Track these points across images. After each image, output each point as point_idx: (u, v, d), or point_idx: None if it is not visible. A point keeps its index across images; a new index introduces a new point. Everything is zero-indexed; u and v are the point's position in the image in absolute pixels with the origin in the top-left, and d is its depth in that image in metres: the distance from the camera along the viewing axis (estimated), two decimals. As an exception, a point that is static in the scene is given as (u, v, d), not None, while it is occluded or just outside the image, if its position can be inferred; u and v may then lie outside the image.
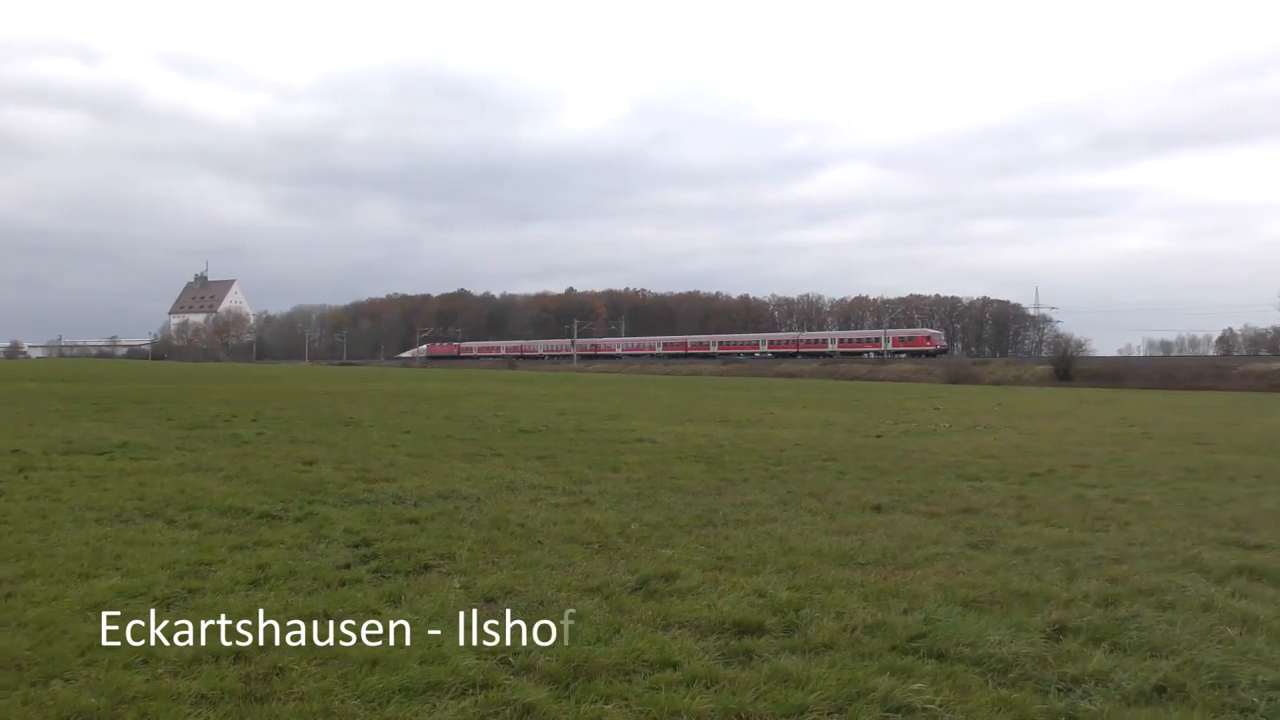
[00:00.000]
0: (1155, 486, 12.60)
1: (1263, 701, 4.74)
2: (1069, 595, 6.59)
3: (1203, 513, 10.43)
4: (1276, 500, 11.38)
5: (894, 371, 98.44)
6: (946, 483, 12.69)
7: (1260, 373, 77.91)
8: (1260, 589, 6.93)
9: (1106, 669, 5.12)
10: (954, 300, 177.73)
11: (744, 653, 5.35)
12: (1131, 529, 9.34)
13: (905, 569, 7.40)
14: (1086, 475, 13.81)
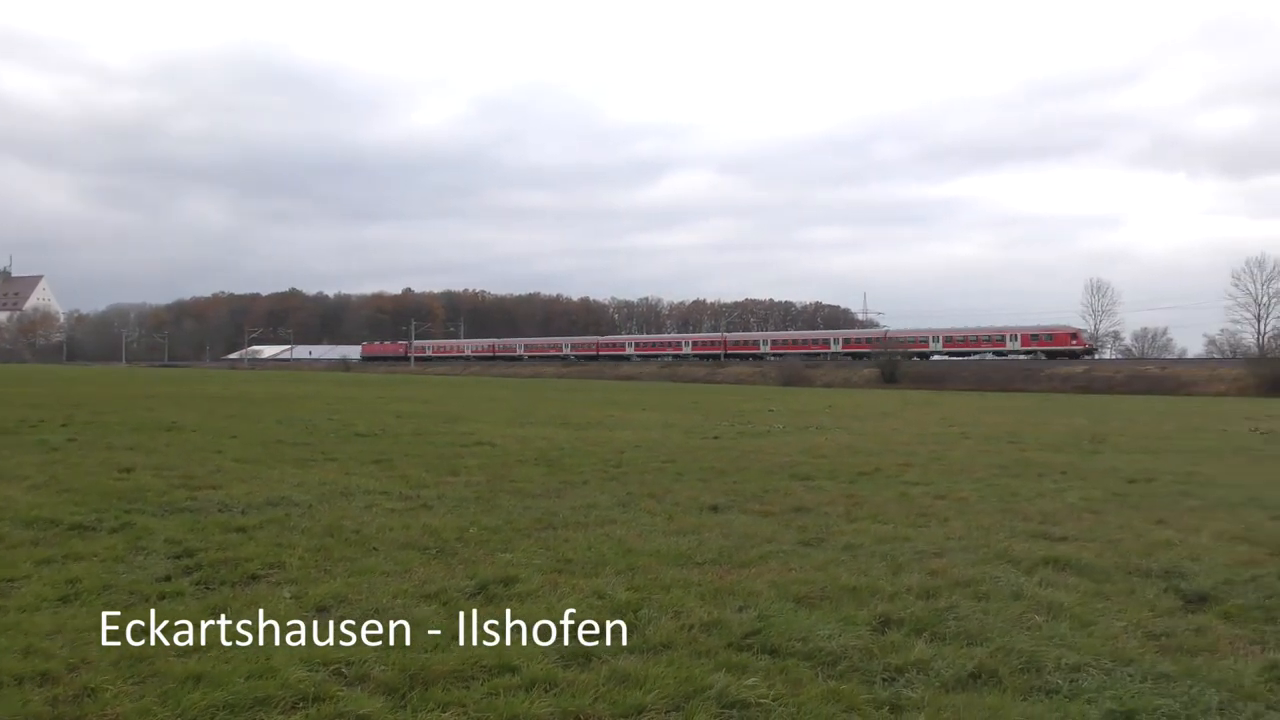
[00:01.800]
0: (972, 483, 13.30)
1: (1066, 683, 5.07)
2: (893, 589, 6.88)
3: (1014, 507, 11.08)
4: (1079, 495, 12.19)
5: (731, 374, 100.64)
6: (780, 482, 13.06)
7: (1065, 375, 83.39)
8: (1065, 578, 7.41)
9: (927, 658, 5.37)
10: (788, 305, 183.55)
11: (583, 655, 5.36)
12: (950, 524, 9.83)
13: (741, 567, 7.58)
14: (910, 474, 14.46)
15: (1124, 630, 5.99)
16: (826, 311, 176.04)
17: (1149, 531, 9.51)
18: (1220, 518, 10.45)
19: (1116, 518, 10.42)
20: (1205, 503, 11.66)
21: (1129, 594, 6.93)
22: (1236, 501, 11.74)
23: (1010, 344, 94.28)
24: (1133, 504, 11.57)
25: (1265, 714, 4.70)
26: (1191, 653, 5.58)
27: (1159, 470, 15.33)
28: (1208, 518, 10.44)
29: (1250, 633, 6.04)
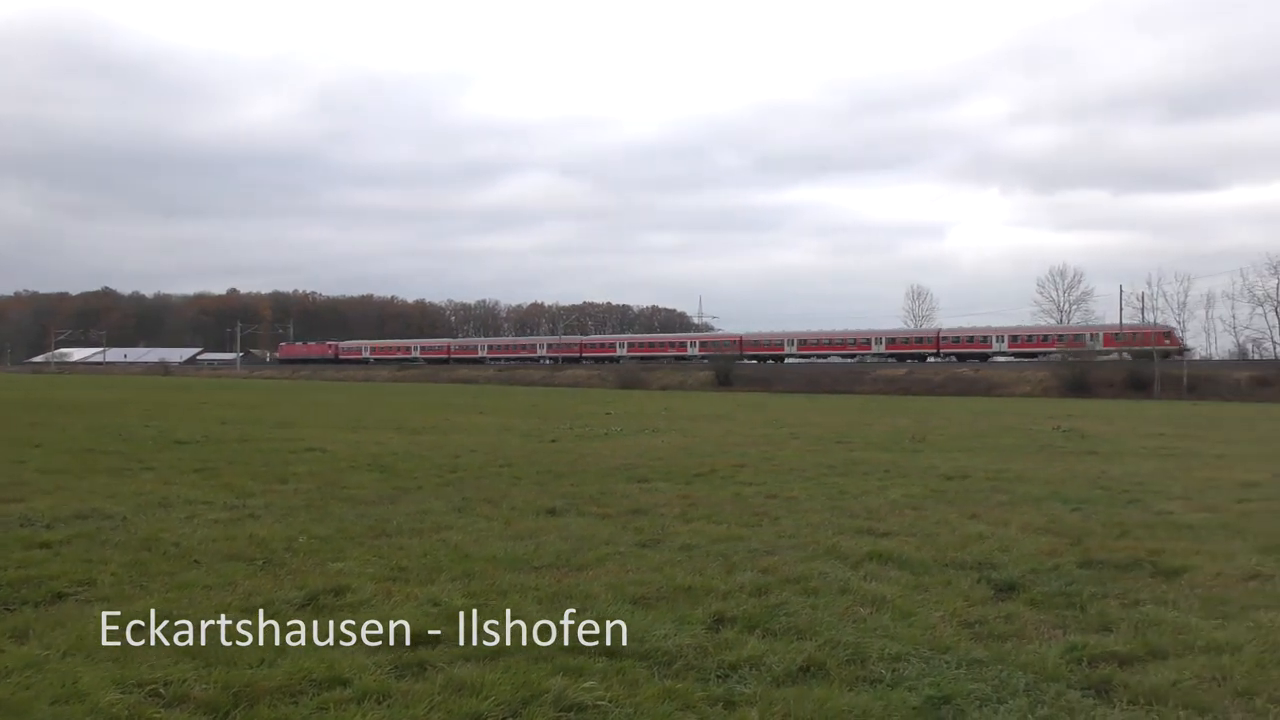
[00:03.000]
0: (802, 482, 13.74)
1: (889, 672, 5.30)
2: (727, 587, 7.04)
3: (842, 505, 11.50)
4: (901, 491, 12.77)
5: (569, 377, 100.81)
6: (618, 484, 13.16)
7: (890, 377, 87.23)
8: (888, 572, 7.74)
9: (760, 654, 5.52)
10: (625, 308, 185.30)
11: (418, 664, 5.26)
12: (782, 523, 10.13)
13: (578, 570, 7.59)
14: (744, 474, 14.82)
15: (941, 620, 6.30)
16: (663, 315, 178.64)
17: (964, 525, 10.04)
18: (1027, 511, 11.13)
19: (935, 513, 10.95)
20: (1014, 497, 12.39)
21: (946, 585, 7.29)
22: (1041, 495, 12.53)
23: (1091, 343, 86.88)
24: (950, 499, 12.18)
25: (1066, 693, 5.03)
26: (1002, 639, 5.92)
27: (973, 467, 16.20)
28: (1016, 511, 11.10)
29: (1053, 618, 6.45)
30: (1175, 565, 7.93)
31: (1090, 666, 5.41)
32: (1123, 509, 11.43)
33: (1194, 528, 9.98)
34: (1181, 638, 5.92)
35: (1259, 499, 12.38)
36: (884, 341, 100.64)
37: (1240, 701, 4.89)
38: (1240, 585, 7.35)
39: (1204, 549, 8.71)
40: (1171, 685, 5.07)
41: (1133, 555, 8.33)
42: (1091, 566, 7.98)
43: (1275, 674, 5.25)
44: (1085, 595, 6.97)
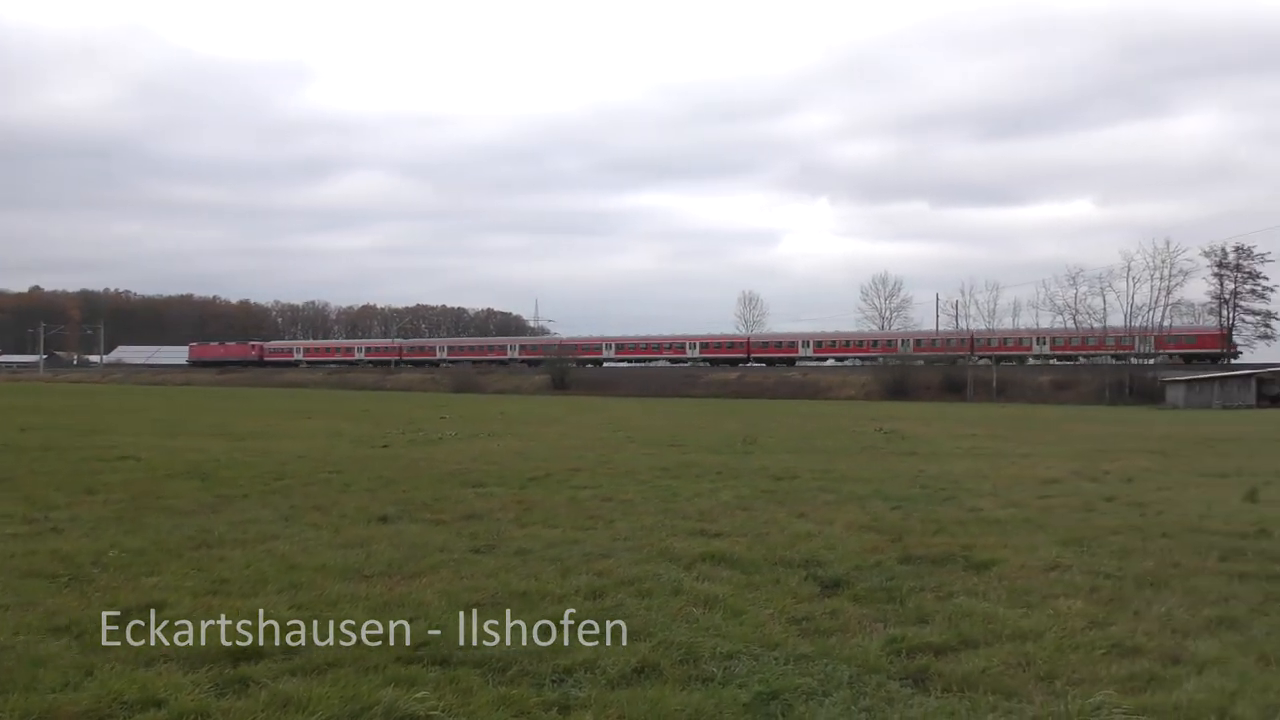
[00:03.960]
0: (637, 485, 13.89)
1: (721, 670, 5.41)
2: (563, 591, 7.04)
3: (675, 507, 11.68)
4: (733, 493, 13.07)
5: (401, 381, 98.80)
6: (452, 490, 12.98)
7: (722, 381, 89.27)
8: (720, 571, 7.91)
9: (594, 657, 5.54)
10: (460, 311, 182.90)
11: (240, 681, 5.04)
12: (616, 525, 10.20)
13: (411, 578, 7.44)
14: (579, 477, 14.87)
15: (771, 617, 6.48)
16: (499, 318, 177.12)
17: (792, 524, 10.36)
18: (851, 509, 11.58)
19: (765, 513, 11.26)
20: (839, 496, 12.87)
21: (775, 583, 7.51)
22: (864, 494, 13.07)
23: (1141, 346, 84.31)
24: (779, 500, 12.55)
25: (887, 684, 5.25)
26: (827, 634, 6.13)
27: (801, 468, 16.74)
28: (841, 510, 11.53)
29: (875, 612, 6.73)
30: (985, 559, 8.41)
31: (909, 657, 5.67)
32: (939, 506, 12.04)
33: (1002, 523, 10.60)
34: (990, 627, 6.27)
35: (1059, 495, 13.27)
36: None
37: (1042, 685, 5.22)
38: (1042, 575, 7.85)
39: (1010, 543, 9.27)
40: (982, 672, 5.37)
41: (947, 550, 8.79)
42: (910, 562, 8.37)
43: (1073, 658, 5.63)
44: (904, 589, 7.31)
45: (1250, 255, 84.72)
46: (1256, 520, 10.60)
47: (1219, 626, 6.34)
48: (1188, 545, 9.13)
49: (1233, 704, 4.85)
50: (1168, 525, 10.35)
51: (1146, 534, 9.77)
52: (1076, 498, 12.94)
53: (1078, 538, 9.55)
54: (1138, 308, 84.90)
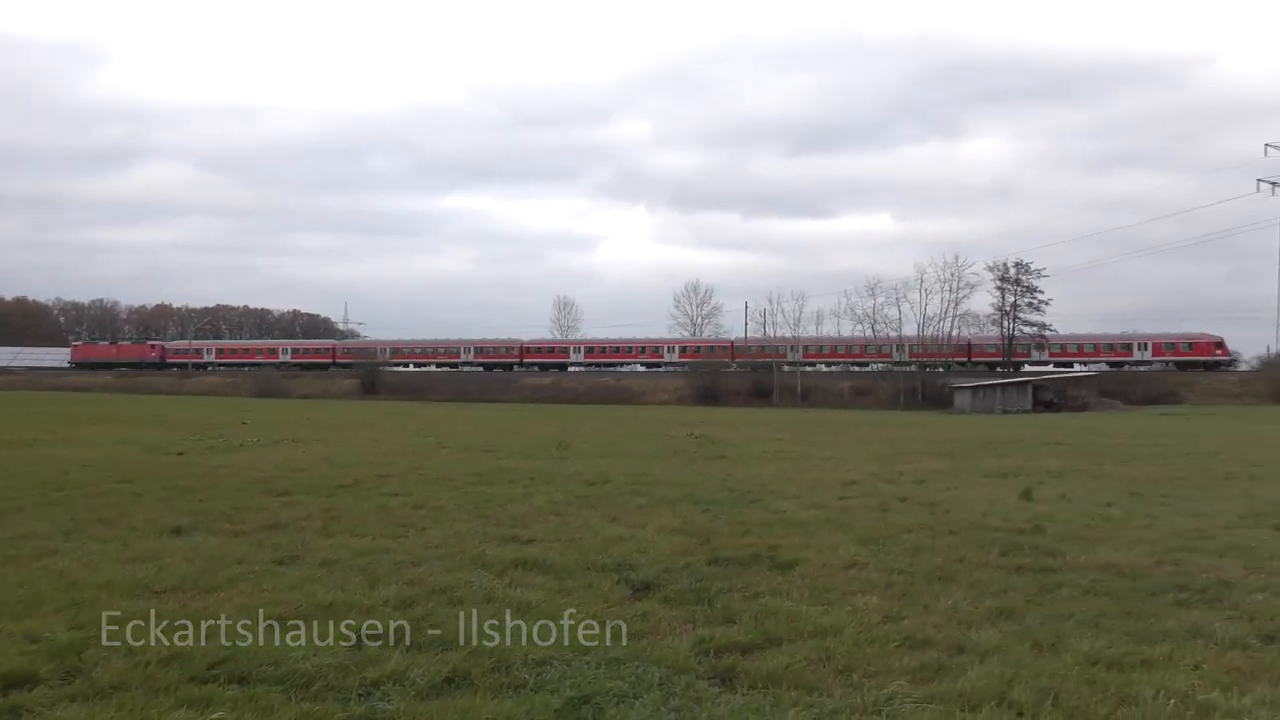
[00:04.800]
0: (450, 491, 13.68)
1: (533, 677, 5.40)
2: (371, 602, 6.86)
3: (488, 513, 11.58)
4: (546, 498, 13.06)
5: (200, 385, 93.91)
6: (253, 499, 12.43)
7: (536, 386, 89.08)
8: (533, 577, 7.89)
9: (404, 668, 5.42)
10: (264, 312, 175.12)
11: (11, 710, 4.67)
12: (429, 533, 10.02)
13: (207, 592, 7.09)
14: (390, 484, 14.52)
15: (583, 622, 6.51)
16: (305, 320, 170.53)
17: (605, 529, 10.44)
18: (663, 513, 11.78)
19: (578, 518, 11.31)
20: (651, 500, 13.07)
21: (588, 587, 7.55)
22: (675, 498, 13.32)
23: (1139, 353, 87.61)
24: (592, 504, 12.63)
25: (695, 683, 5.37)
26: (638, 636, 6.21)
27: (614, 473, 16.90)
28: (653, 514, 11.71)
29: (684, 613, 6.86)
30: (790, 559, 8.72)
31: (717, 657, 5.82)
32: (746, 508, 12.40)
33: (805, 524, 11.02)
34: (794, 624, 6.51)
35: (858, 496, 13.91)
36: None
37: (841, 678, 5.46)
38: (842, 574, 8.21)
39: (813, 543, 9.65)
40: (785, 669, 5.57)
41: (754, 551, 9.06)
42: (719, 563, 8.59)
43: (869, 651, 5.91)
44: (713, 590, 7.49)
45: (1029, 271, 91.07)
46: (1032, 517, 11.43)
47: (999, 617, 6.79)
48: (972, 542, 9.75)
49: (1010, 689, 5.20)
50: (954, 523, 11.01)
51: (936, 532, 10.37)
52: (874, 498, 13.59)
53: (874, 536, 10.03)
54: (929, 318, 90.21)
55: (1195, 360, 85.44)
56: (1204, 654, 5.85)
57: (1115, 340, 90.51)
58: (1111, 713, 4.89)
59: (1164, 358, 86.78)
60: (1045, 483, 15.63)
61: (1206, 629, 6.41)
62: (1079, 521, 11.21)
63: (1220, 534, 10.32)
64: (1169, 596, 7.39)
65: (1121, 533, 10.42)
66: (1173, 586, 7.68)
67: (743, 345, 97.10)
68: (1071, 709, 4.95)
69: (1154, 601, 7.25)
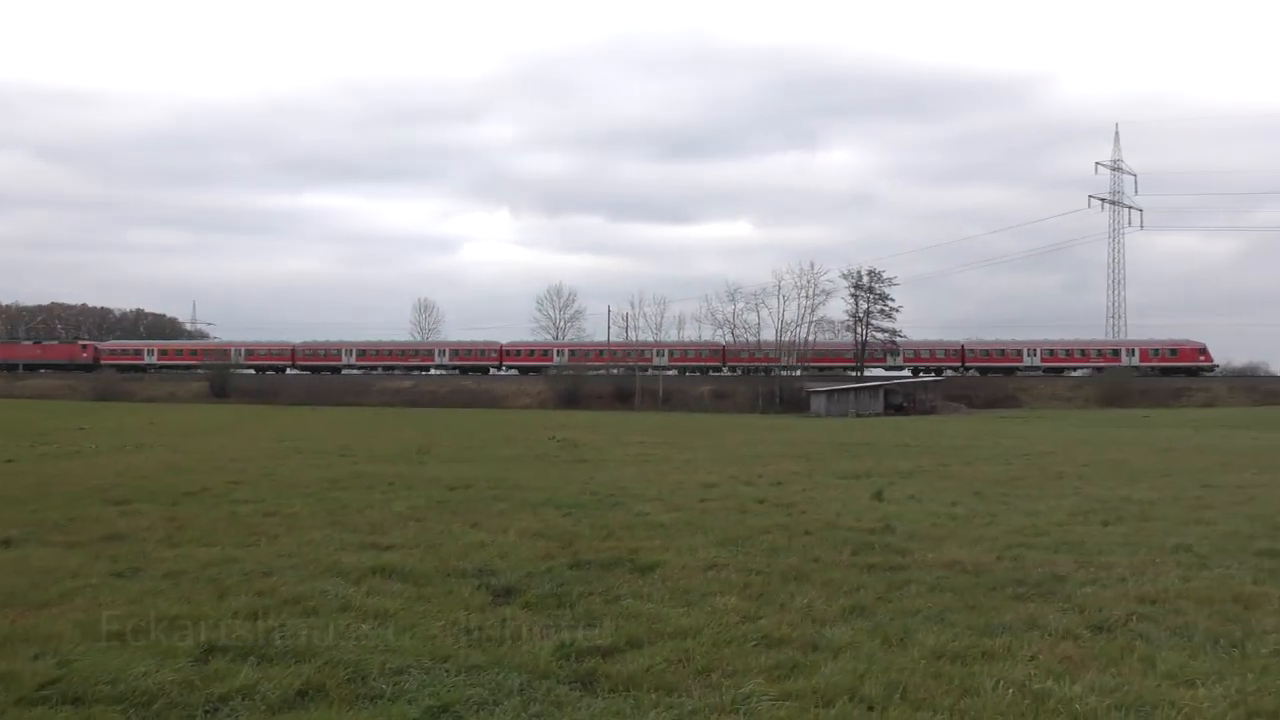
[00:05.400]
0: (303, 498, 13.28)
1: (390, 686, 5.29)
2: (218, 614, 6.60)
3: (344, 520, 11.29)
4: (406, 504, 12.82)
5: (33, 388, 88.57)
6: (90, 509, 11.80)
7: (396, 389, 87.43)
8: (390, 585, 7.73)
9: (253, 682, 5.23)
10: (105, 311, 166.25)
11: None
12: (281, 541, 9.71)
13: (38, 609, 6.69)
14: (240, 491, 14.00)
15: (442, 629, 6.42)
16: (150, 320, 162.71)
17: (466, 534, 10.33)
18: (525, 517, 11.72)
19: (438, 523, 11.14)
20: (513, 505, 12.98)
21: (447, 594, 7.45)
22: (537, 502, 13.26)
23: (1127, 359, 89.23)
24: (452, 509, 12.46)
25: (556, 688, 5.36)
26: (499, 642, 6.16)
27: (476, 477, 16.72)
28: (514, 518, 11.64)
29: (546, 618, 6.84)
30: (651, 561, 8.79)
31: (578, 661, 5.82)
32: (608, 512, 12.45)
33: (666, 526, 11.13)
34: (655, 626, 6.57)
35: (717, 498, 14.14)
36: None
37: (700, 679, 5.53)
38: (701, 575, 8.33)
39: (673, 545, 9.76)
40: (646, 671, 5.61)
41: (615, 554, 9.11)
42: (580, 567, 8.59)
43: (727, 651, 6.01)
44: (574, 594, 7.50)
45: (881, 279, 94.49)
46: (882, 517, 11.84)
47: (851, 614, 7.00)
48: (826, 541, 10.03)
49: (861, 684, 5.38)
50: (810, 524, 11.31)
51: (792, 532, 10.63)
52: (733, 500, 13.84)
53: (733, 538, 10.22)
54: (787, 323, 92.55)
55: (1179, 366, 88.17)
56: (1039, 645, 6.17)
57: (1104, 345, 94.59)
58: (955, 704, 5.10)
59: (1150, 363, 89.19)
60: (895, 483, 16.21)
61: (1041, 621, 6.75)
62: (926, 521, 11.67)
63: (1054, 530, 10.90)
64: (1008, 591, 7.76)
65: (965, 531, 10.90)
66: (1011, 581, 8.07)
67: (613, 348, 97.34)
68: (919, 701, 5.15)
69: (994, 596, 7.60)
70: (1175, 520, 11.64)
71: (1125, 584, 7.93)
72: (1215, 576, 8.24)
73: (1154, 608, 7.15)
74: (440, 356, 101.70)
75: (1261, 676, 5.48)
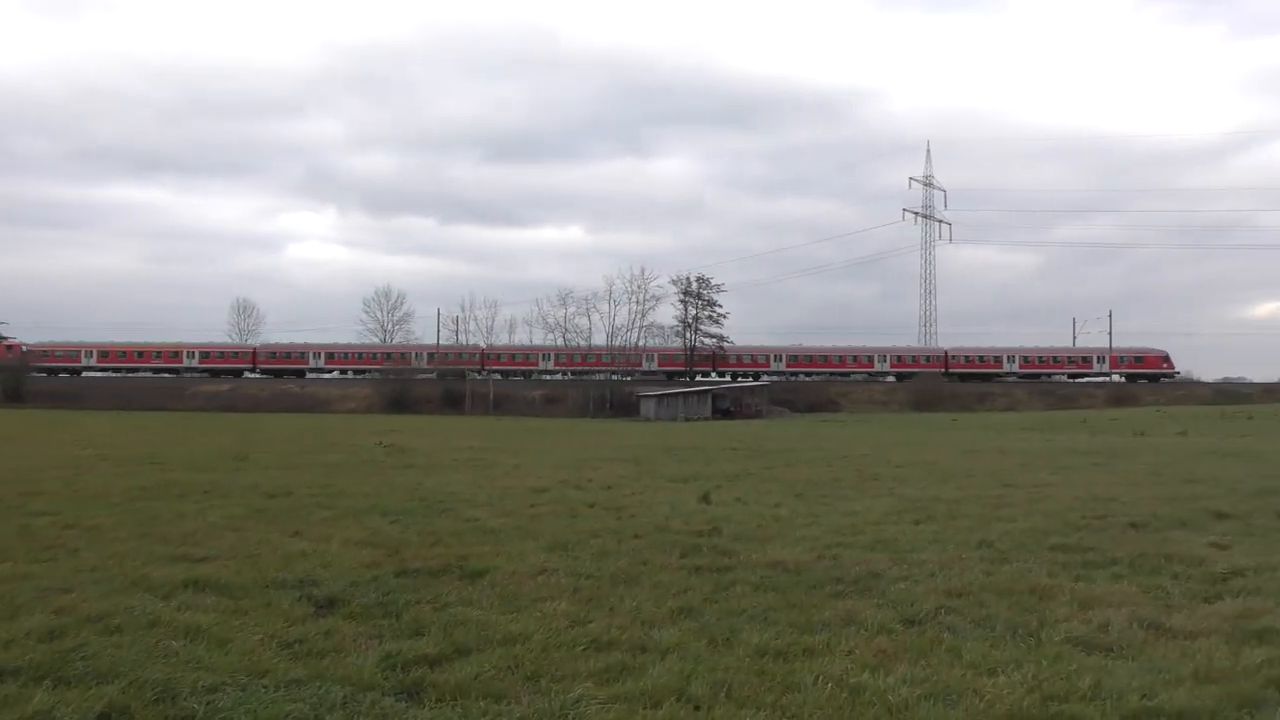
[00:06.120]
0: (108, 509, 12.52)
1: (203, 706, 5.03)
2: (9, 635, 6.14)
3: (154, 531, 10.70)
4: (221, 513, 12.25)
5: None
6: None
7: (211, 393, 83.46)
8: (204, 599, 7.37)
9: (49, 707, 4.90)
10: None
11: None
12: (82, 555, 9.12)
13: None
14: (37, 502, 13.10)
15: (260, 643, 6.16)
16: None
17: (286, 544, 9.95)
18: (350, 525, 11.39)
19: (256, 533, 10.70)
20: (337, 512, 12.60)
21: (267, 607, 7.16)
22: (363, 509, 12.92)
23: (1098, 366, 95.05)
24: (272, 518, 11.99)
25: (381, 700, 5.22)
26: (320, 655, 5.96)
27: (298, 484, 16.15)
28: (339, 526, 11.30)
29: (371, 628, 6.67)
30: (480, 567, 8.70)
31: (404, 671, 5.69)
32: (436, 518, 12.25)
33: (495, 532, 11.04)
34: (483, 633, 6.50)
35: (548, 503, 14.12)
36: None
37: (529, 685, 5.51)
38: (531, 580, 8.29)
39: (503, 550, 9.69)
40: (474, 679, 5.54)
41: (444, 561, 8.97)
42: (408, 575, 8.42)
43: (557, 656, 6.01)
44: (401, 603, 7.34)
45: (709, 285, 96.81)
46: (710, 519, 12.09)
47: (679, 616, 7.12)
48: (655, 544, 10.17)
49: (689, 684, 5.47)
50: (639, 527, 11.43)
51: (622, 536, 10.72)
52: (563, 505, 13.84)
53: (563, 542, 10.22)
54: (618, 328, 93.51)
55: (1145, 373, 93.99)
56: (856, 640, 6.43)
57: (1076, 354, 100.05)
58: (778, 700, 5.25)
59: (1120, 370, 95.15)
60: (722, 486, 16.57)
61: (858, 617, 7.04)
62: (751, 522, 11.99)
63: (870, 529, 11.39)
64: (827, 589, 8.06)
65: (788, 531, 11.25)
66: (831, 579, 8.39)
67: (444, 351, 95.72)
68: (743, 699, 5.28)
69: (815, 594, 7.88)
70: (979, 518, 12.35)
71: (934, 579, 8.36)
72: (1014, 570, 8.78)
73: (960, 601, 7.56)
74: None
75: (1054, 663, 5.88)
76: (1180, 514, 12.46)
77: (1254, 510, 12.80)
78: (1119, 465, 21.40)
